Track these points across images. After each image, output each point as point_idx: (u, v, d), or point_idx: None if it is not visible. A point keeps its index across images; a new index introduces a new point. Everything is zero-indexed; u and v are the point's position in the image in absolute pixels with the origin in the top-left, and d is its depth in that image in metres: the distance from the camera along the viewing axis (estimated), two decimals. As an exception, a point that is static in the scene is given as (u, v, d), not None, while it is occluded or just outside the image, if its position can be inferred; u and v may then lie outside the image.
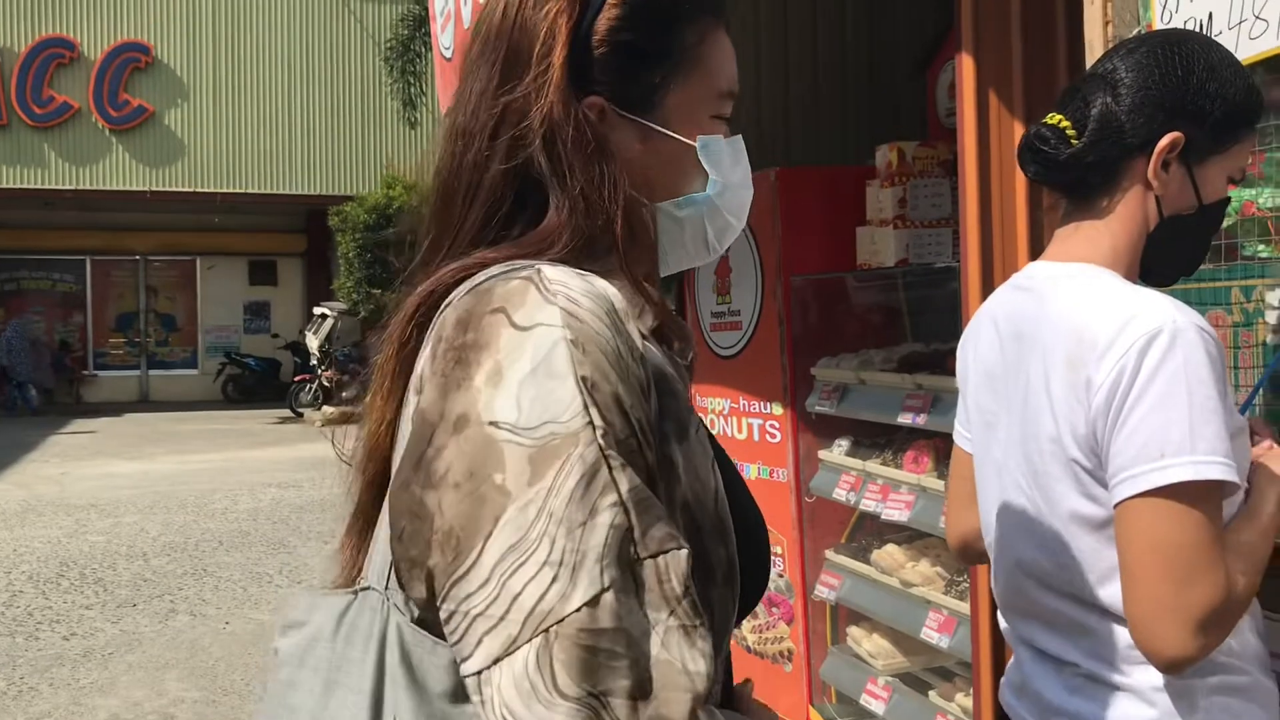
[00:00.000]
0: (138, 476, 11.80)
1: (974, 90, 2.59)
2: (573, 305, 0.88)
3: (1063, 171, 1.51)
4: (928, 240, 3.31)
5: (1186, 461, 1.28)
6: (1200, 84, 1.45)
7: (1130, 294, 1.40)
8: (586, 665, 0.80)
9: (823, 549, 3.63)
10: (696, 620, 0.84)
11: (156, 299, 22.75)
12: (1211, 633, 1.30)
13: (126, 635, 6.04)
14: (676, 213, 1.08)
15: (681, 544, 0.85)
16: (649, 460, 0.89)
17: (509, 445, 0.84)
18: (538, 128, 0.99)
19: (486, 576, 0.83)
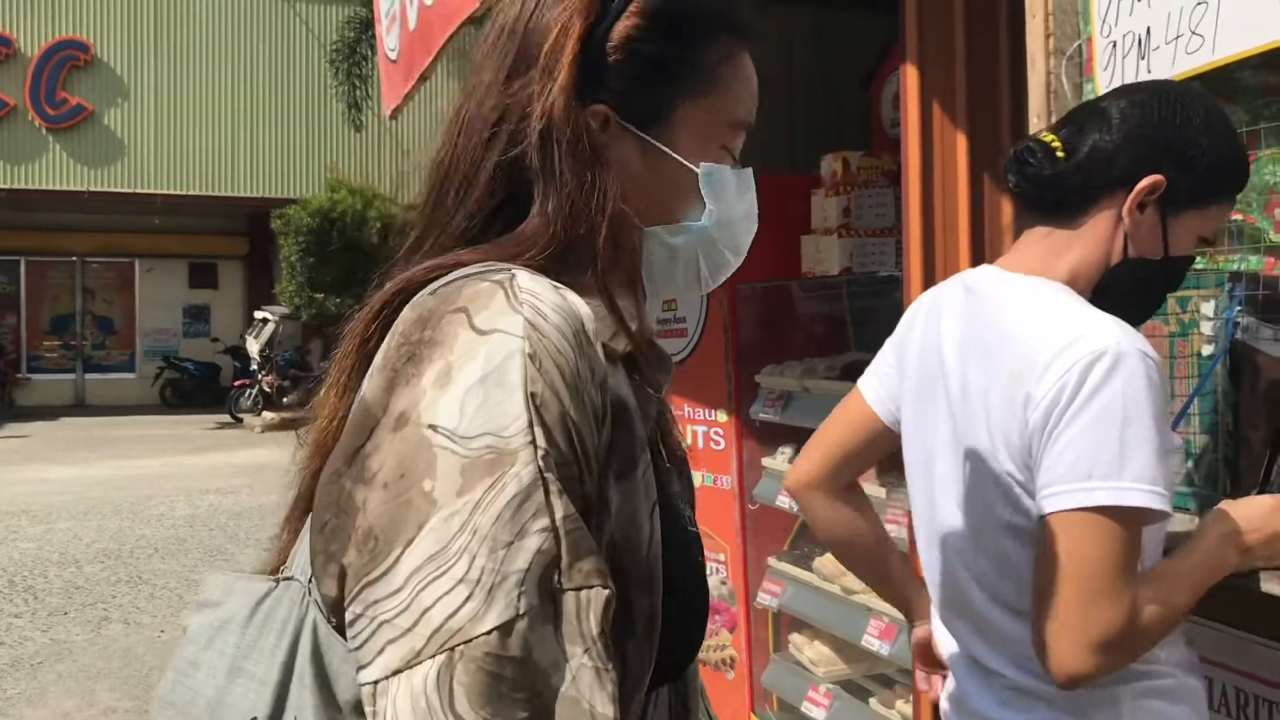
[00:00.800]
0: (72, 482, 11.56)
1: (918, 101, 2.62)
2: (538, 318, 0.84)
3: (1043, 188, 1.51)
4: (871, 249, 3.34)
5: (1112, 486, 1.30)
6: (1195, 134, 1.45)
7: (1079, 313, 1.40)
8: (488, 691, 0.77)
9: (765, 556, 3.64)
10: (609, 664, 0.81)
11: (94, 301, 22.34)
12: (1110, 654, 1.32)
13: (57, 644, 5.91)
14: (670, 239, 1.03)
15: (607, 584, 0.82)
16: (588, 490, 0.85)
17: (443, 452, 0.81)
18: (536, 124, 0.96)
19: (400, 584, 0.80)
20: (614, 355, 0.94)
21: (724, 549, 3.72)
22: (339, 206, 17.26)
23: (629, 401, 0.93)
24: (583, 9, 0.98)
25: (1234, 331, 1.77)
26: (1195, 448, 1.85)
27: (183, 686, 0.94)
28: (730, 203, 1.05)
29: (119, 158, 19.18)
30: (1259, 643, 1.74)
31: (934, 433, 1.56)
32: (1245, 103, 1.76)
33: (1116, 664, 1.35)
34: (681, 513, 1.03)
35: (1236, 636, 1.78)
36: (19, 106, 18.56)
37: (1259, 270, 1.76)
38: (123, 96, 19.21)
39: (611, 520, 0.90)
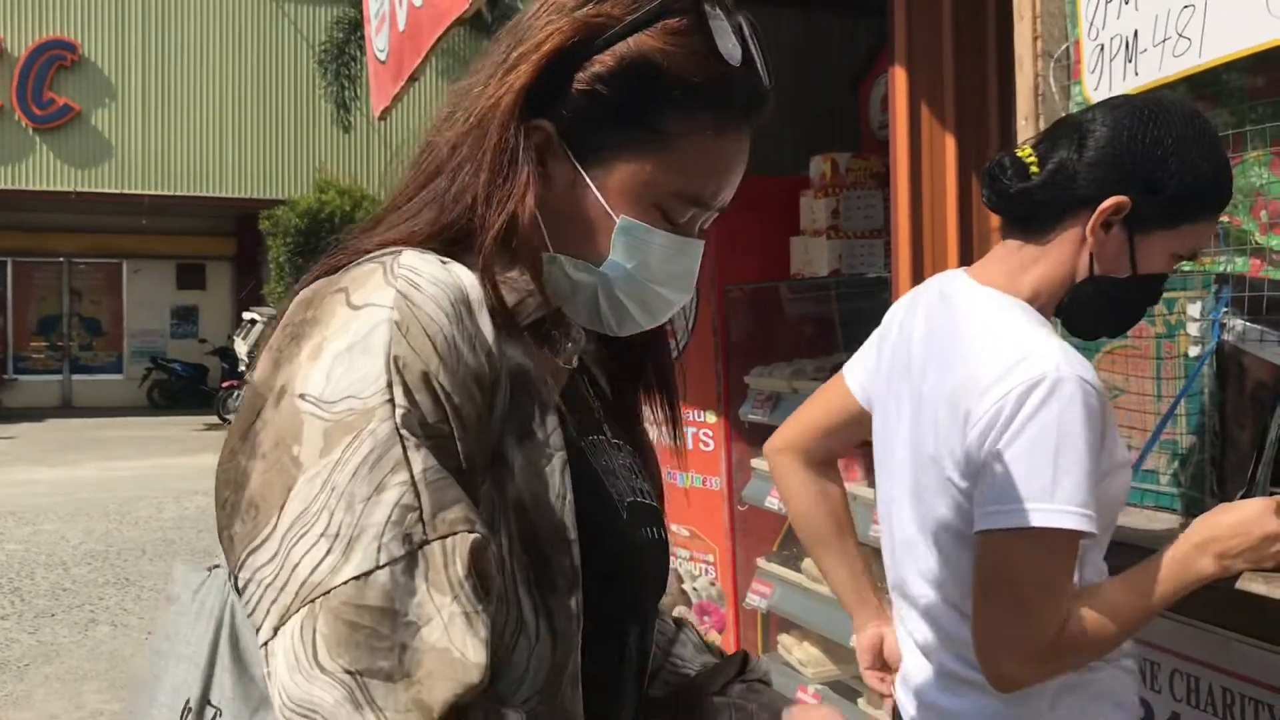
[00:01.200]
0: (59, 483, 11.51)
1: (906, 103, 2.63)
2: (410, 289, 0.88)
3: (1011, 204, 1.53)
4: (860, 251, 3.35)
5: (1043, 509, 1.35)
6: (1164, 156, 1.44)
7: (1026, 336, 1.43)
8: (347, 640, 0.80)
9: (754, 557, 3.65)
10: (479, 606, 0.83)
11: (81, 302, 22.24)
12: (1041, 665, 1.41)
13: (44, 646, 5.88)
14: (571, 273, 1.02)
15: (474, 528, 0.84)
16: (463, 449, 0.87)
17: (309, 417, 0.85)
18: (477, 115, 0.99)
19: (275, 548, 0.84)
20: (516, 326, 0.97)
21: (713, 550, 3.73)
22: (327, 207, 17.22)
23: (527, 367, 0.95)
24: (568, 30, 0.99)
25: (1220, 333, 1.78)
26: (1182, 449, 1.86)
27: (150, 675, 1.00)
28: (647, 263, 1.01)
29: (106, 158, 19.10)
30: (1246, 642, 1.75)
31: (896, 428, 1.62)
32: (1231, 105, 1.77)
33: (1051, 673, 1.44)
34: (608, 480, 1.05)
35: (1224, 636, 1.79)
36: (5, 106, 18.47)
37: (1245, 272, 1.77)
38: (110, 97, 19.13)
39: (515, 480, 0.93)
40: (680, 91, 0.98)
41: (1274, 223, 1.72)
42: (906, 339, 1.63)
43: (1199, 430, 1.82)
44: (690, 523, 3.81)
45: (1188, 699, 1.86)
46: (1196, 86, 1.81)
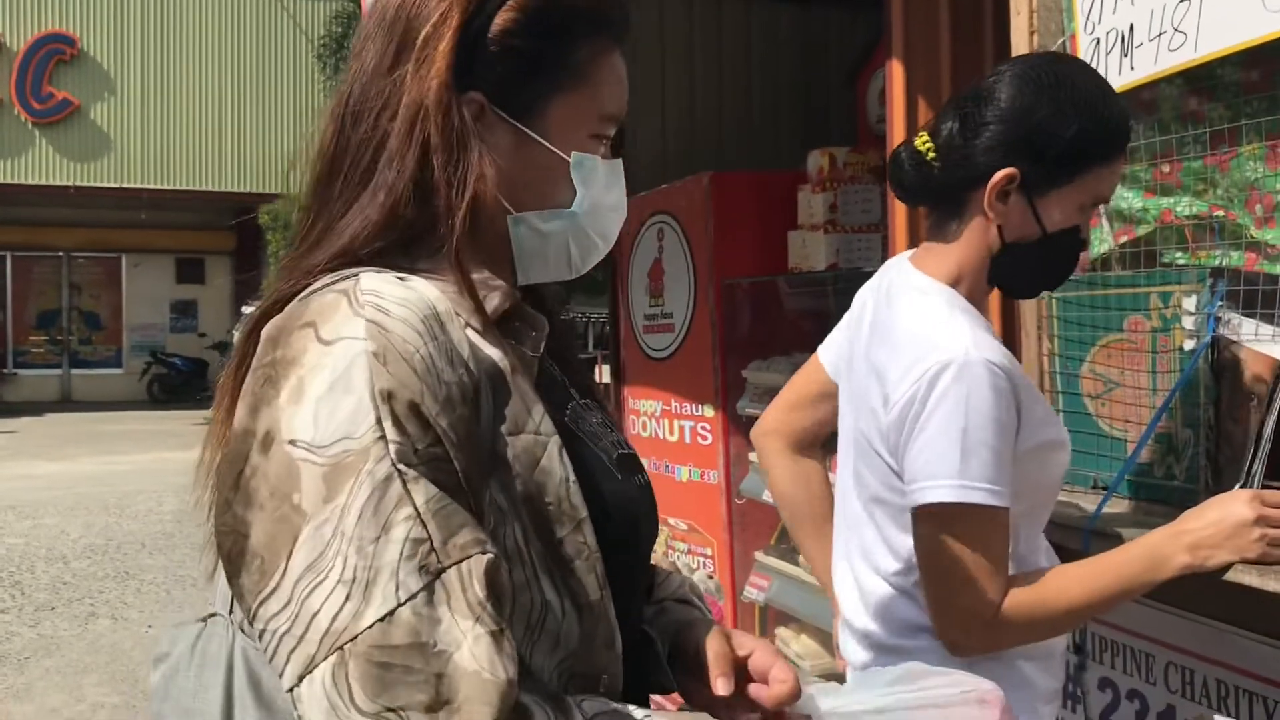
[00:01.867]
0: (58, 477, 11.52)
1: (903, 97, 2.63)
2: (380, 315, 0.88)
3: (916, 195, 1.62)
4: (857, 245, 3.35)
5: (954, 484, 1.43)
6: (1040, 121, 1.48)
7: (942, 324, 1.50)
8: (381, 681, 0.81)
9: (752, 551, 3.65)
10: (501, 624, 0.85)
11: (80, 296, 22.24)
12: (982, 635, 1.47)
13: (44, 639, 5.89)
14: (541, 225, 1.06)
15: (486, 549, 0.86)
16: (460, 466, 0.88)
17: (304, 464, 0.85)
18: (405, 111, 0.99)
19: (289, 597, 0.84)
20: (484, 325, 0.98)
21: (711, 543, 3.73)
22: (327, 201, 17.20)
23: (504, 364, 0.96)
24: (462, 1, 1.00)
25: (1215, 326, 1.79)
26: (1177, 442, 1.87)
27: None
28: (599, 191, 1.08)
29: (105, 152, 19.10)
30: (1240, 635, 1.76)
31: (846, 406, 1.71)
32: (1227, 99, 1.77)
33: (1005, 641, 1.50)
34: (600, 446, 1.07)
35: (1218, 629, 1.79)
36: (5, 101, 18.47)
37: (1240, 265, 1.77)
38: (109, 91, 19.12)
39: (519, 476, 0.94)
40: (580, 21, 1.05)
41: (1269, 216, 1.73)
42: (859, 319, 1.72)
43: (1194, 424, 1.83)
44: (688, 516, 3.81)
45: (1182, 691, 1.87)
46: (1192, 81, 1.81)
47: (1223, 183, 1.80)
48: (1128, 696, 1.98)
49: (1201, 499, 1.62)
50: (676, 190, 3.83)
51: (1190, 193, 1.85)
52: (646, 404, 4.05)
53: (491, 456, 0.92)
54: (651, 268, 3.99)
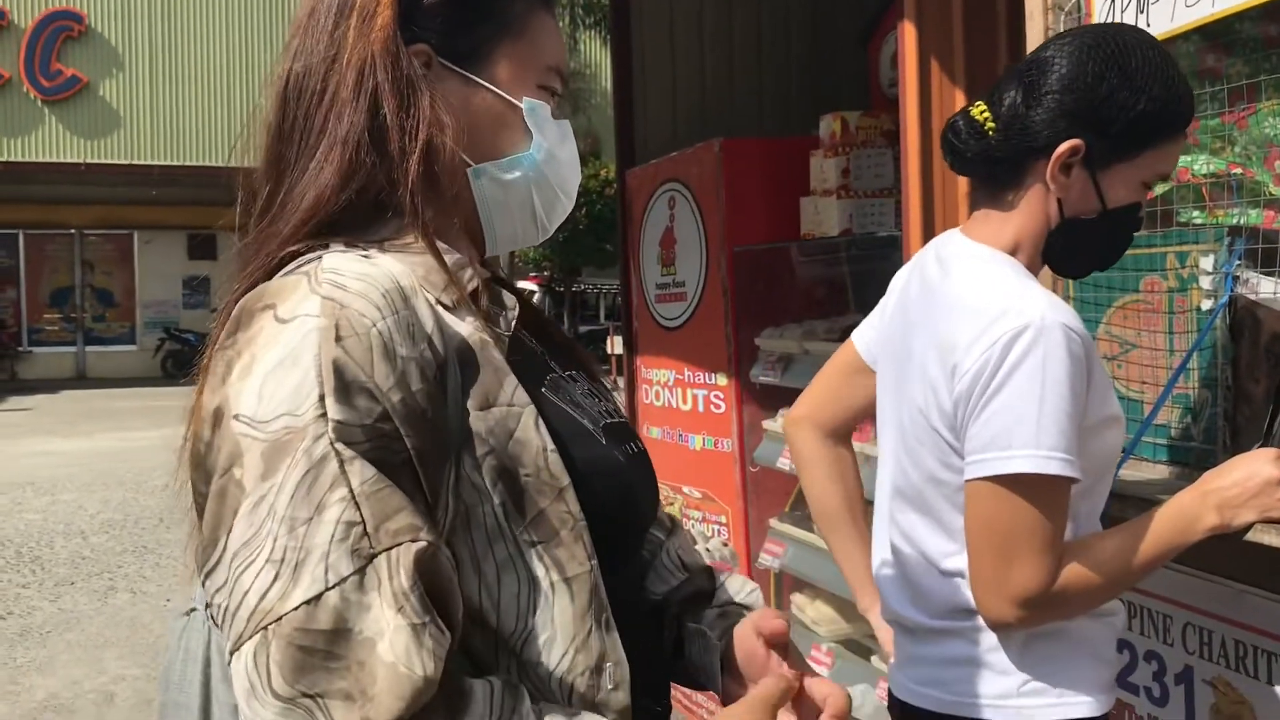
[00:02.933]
0: (75, 454, 11.59)
1: (916, 60, 2.60)
2: (337, 291, 0.87)
3: (972, 165, 1.56)
4: (870, 210, 3.33)
5: (1030, 454, 1.38)
6: (1109, 93, 1.45)
7: (1012, 288, 1.46)
8: (301, 665, 0.79)
9: (766, 518, 3.65)
10: (425, 617, 0.82)
11: (93, 274, 22.31)
12: (1033, 609, 1.42)
13: (65, 614, 5.94)
14: (502, 175, 1.06)
15: (419, 536, 0.84)
16: (412, 443, 0.87)
17: (245, 439, 0.84)
18: (351, 63, 0.99)
19: (226, 573, 0.83)
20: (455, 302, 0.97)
21: (725, 511, 3.74)
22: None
23: (473, 340, 0.95)
24: None
25: (1234, 286, 1.77)
26: (1194, 403, 1.85)
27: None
28: (555, 141, 1.08)
29: (115, 129, 19.10)
30: (1258, 595, 1.75)
31: (889, 387, 1.66)
32: (1245, 55, 1.75)
33: (1045, 618, 1.46)
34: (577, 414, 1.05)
35: (1236, 589, 1.79)
36: (13, 78, 18.47)
37: (1259, 224, 1.76)
38: (117, 67, 19.11)
39: (494, 450, 0.92)
40: None
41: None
42: (906, 302, 1.67)
43: (1211, 384, 1.81)
44: (702, 484, 3.82)
45: (1200, 652, 1.86)
46: (1210, 36, 1.79)
47: (1241, 140, 1.77)
48: (1145, 658, 1.98)
49: (1220, 459, 1.62)
50: (687, 157, 3.81)
51: (1208, 151, 1.83)
52: (659, 373, 4.04)
53: (462, 433, 0.91)
54: (663, 236, 3.97)
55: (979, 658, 1.53)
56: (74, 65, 18.78)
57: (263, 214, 1.03)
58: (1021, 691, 1.51)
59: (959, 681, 1.55)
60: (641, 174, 4.17)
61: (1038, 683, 1.51)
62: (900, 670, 1.66)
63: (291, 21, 1.07)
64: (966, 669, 1.54)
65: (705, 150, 3.69)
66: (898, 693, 1.65)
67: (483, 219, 1.06)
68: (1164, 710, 1.94)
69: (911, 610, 1.62)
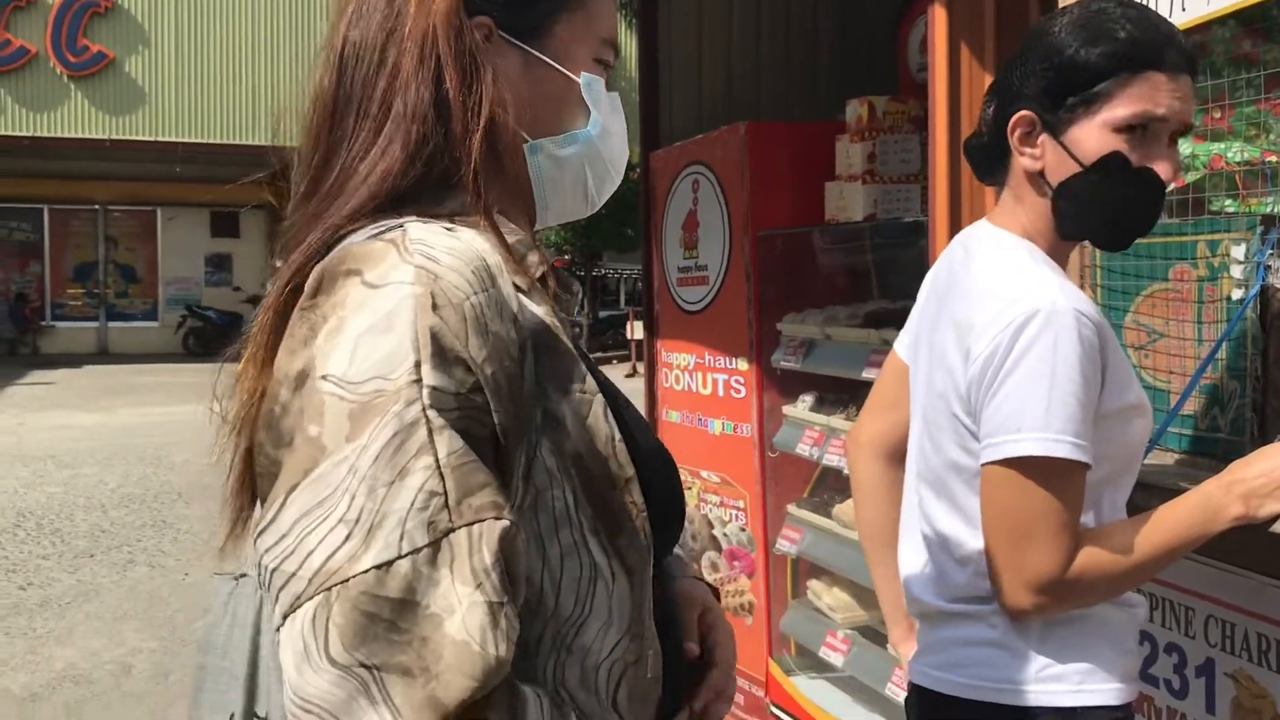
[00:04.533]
0: (96, 428, 11.68)
1: (946, 45, 2.58)
2: (429, 262, 0.86)
3: (981, 173, 1.64)
4: (896, 196, 3.30)
5: (1039, 437, 1.38)
6: (1029, 60, 1.50)
7: (1026, 274, 1.47)
8: (363, 632, 0.76)
9: (785, 503, 3.65)
10: (504, 596, 0.80)
11: (116, 250, 22.44)
12: (1049, 596, 1.41)
13: (84, 585, 5.99)
14: (557, 151, 1.06)
15: (502, 515, 0.82)
16: (500, 421, 0.85)
17: (331, 398, 0.82)
18: (415, 35, 0.98)
19: (285, 530, 0.81)
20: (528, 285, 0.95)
21: (743, 496, 3.73)
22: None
23: (548, 322, 0.94)
24: None
25: (1265, 275, 1.75)
26: (1223, 393, 1.84)
27: (200, 692, 0.99)
28: (608, 115, 1.08)
29: (140, 105, 19.17)
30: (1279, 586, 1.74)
31: (922, 376, 1.66)
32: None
33: (1061, 604, 1.44)
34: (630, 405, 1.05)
35: (1259, 581, 1.77)
36: (40, 54, 18.55)
37: (1292, 214, 1.74)
38: (143, 44, 19.16)
39: (570, 436, 0.91)
40: None
41: (1323, 163, 1.68)
42: (936, 291, 1.68)
43: (1240, 375, 1.80)
44: (721, 469, 3.81)
45: (1222, 644, 1.85)
46: (1246, 21, 1.76)
47: (1276, 127, 1.75)
48: (1166, 650, 1.97)
49: (1247, 450, 1.60)
50: (712, 140, 3.79)
51: (1242, 138, 1.81)
52: (680, 357, 4.03)
53: (544, 416, 0.90)
54: (686, 219, 3.96)
55: (998, 641, 1.52)
56: (100, 41, 18.84)
57: (314, 183, 1.01)
58: (1040, 677, 1.50)
59: (977, 664, 1.54)
60: (665, 156, 4.16)
61: (1058, 667, 1.50)
62: (918, 658, 1.65)
63: None
64: (985, 652, 1.53)
65: (730, 133, 3.68)
66: (916, 679, 1.64)
67: (536, 194, 1.05)
68: (1184, 703, 1.93)
69: (931, 595, 1.61)
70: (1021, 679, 1.50)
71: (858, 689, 3.37)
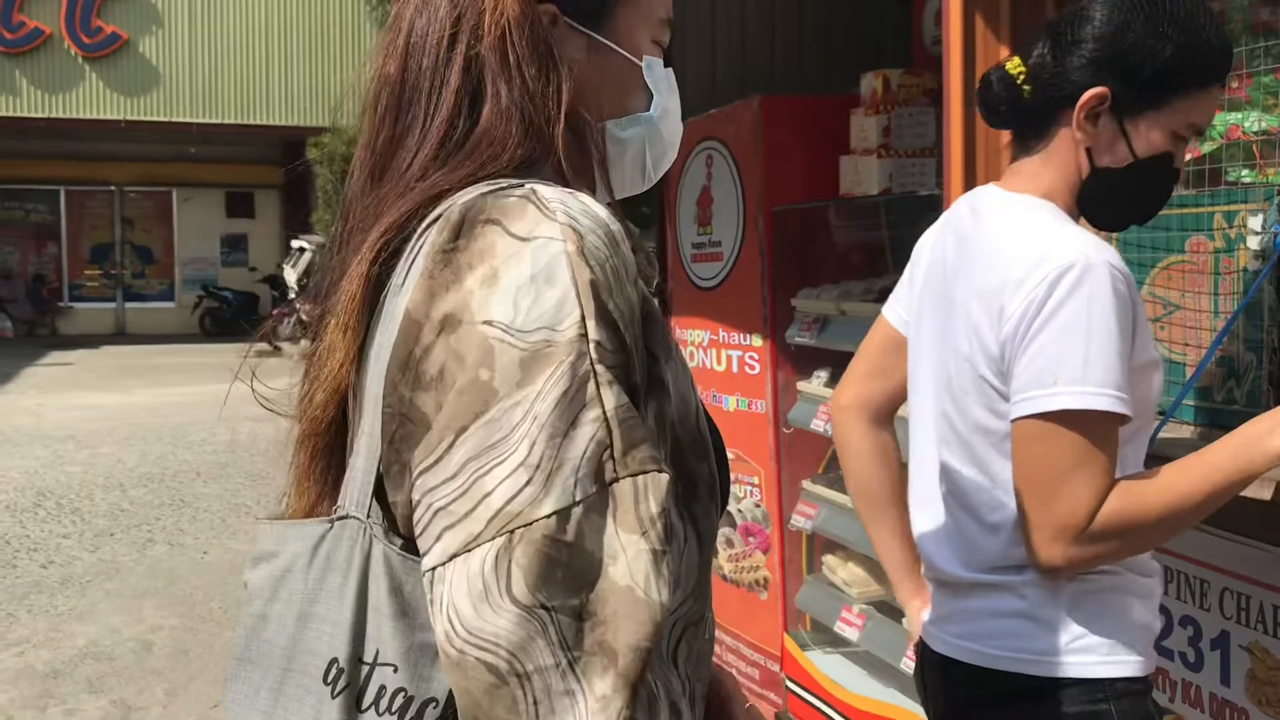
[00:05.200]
0: (115, 408, 11.75)
1: (960, 17, 2.56)
2: (573, 221, 0.87)
3: (1004, 119, 1.59)
4: (911, 170, 3.29)
5: (1077, 391, 1.37)
6: (1136, 40, 1.46)
7: (1052, 230, 1.47)
8: (545, 574, 0.78)
9: (800, 479, 3.65)
10: (668, 546, 0.82)
11: (132, 230, 22.51)
12: (1080, 546, 1.39)
13: (104, 564, 6.04)
14: (619, 133, 1.07)
15: (663, 468, 0.84)
16: (634, 380, 0.88)
17: (500, 344, 0.83)
18: (492, 28, 0.97)
19: (455, 471, 0.82)
20: None
21: (758, 472, 3.73)
22: (374, 135, 17.17)
23: (647, 292, 0.95)
24: None
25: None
26: (1239, 365, 1.83)
27: (256, 641, 0.95)
28: (667, 95, 1.09)
29: (155, 86, 19.18)
30: (1298, 561, 1.73)
31: (933, 344, 1.64)
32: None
33: (1094, 555, 1.41)
34: None
35: (1275, 553, 1.77)
36: (55, 35, 18.56)
37: (1310, 184, 1.72)
38: (157, 24, 19.15)
39: (671, 402, 0.93)
40: None
41: (1342, 132, 1.67)
42: (940, 259, 1.66)
43: (1257, 347, 1.79)
44: (735, 445, 3.81)
45: (1237, 617, 1.85)
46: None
47: (1294, 97, 1.74)
48: (1181, 623, 1.97)
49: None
50: (726, 115, 3.77)
51: (1259, 108, 1.80)
52: (694, 334, 4.03)
53: (654, 380, 0.91)
54: (700, 195, 3.95)
55: (1027, 612, 1.51)
56: (114, 22, 18.84)
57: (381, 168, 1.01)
58: (1070, 648, 1.49)
59: (1004, 635, 1.53)
60: (679, 132, 4.14)
61: (1090, 638, 1.49)
62: (937, 625, 1.64)
63: None
64: (1013, 623, 1.52)
65: (744, 108, 3.66)
66: (935, 646, 1.63)
67: (597, 173, 1.05)
68: (1199, 675, 1.93)
69: (955, 565, 1.60)
70: (1050, 650, 1.49)
71: (873, 663, 3.38)
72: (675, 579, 0.83)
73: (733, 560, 3.85)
